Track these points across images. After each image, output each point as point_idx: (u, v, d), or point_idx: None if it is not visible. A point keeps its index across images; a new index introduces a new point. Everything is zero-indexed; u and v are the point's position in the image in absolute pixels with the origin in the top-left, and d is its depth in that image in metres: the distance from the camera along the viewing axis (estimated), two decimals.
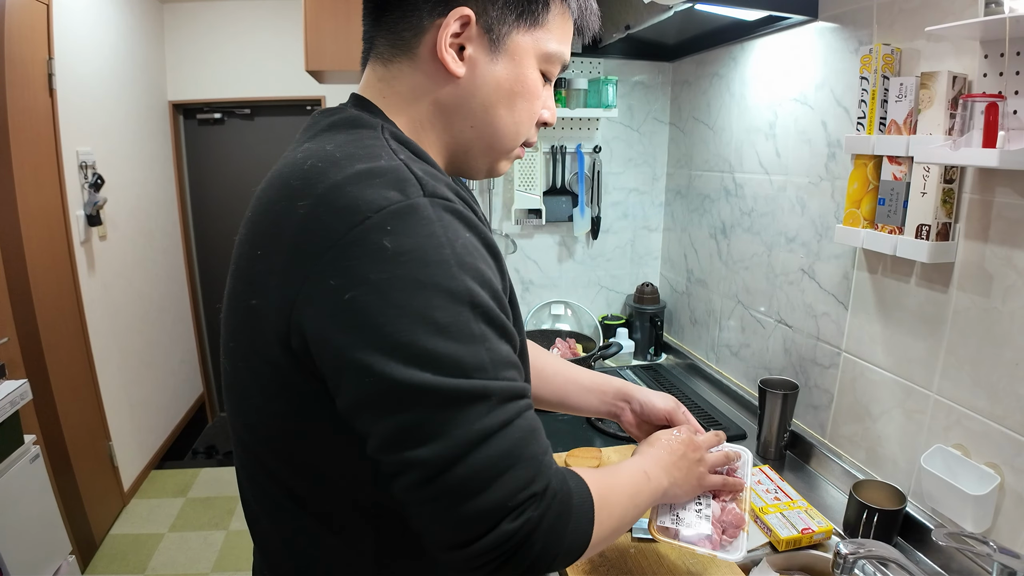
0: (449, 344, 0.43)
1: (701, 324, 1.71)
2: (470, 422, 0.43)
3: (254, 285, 0.49)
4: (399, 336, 0.42)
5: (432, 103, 0.57)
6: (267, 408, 0.52)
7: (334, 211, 0.44)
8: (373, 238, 0.43)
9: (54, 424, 2.00)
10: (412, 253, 0.43)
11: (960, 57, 0.89)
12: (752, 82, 1.41)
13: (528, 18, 0.55)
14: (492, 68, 0.55)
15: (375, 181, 0.45)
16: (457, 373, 0.43)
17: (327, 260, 0.43)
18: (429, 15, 0.53)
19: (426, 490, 0.44)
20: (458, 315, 0.44)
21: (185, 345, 3.28)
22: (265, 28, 3.04)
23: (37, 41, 1.99)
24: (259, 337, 0.49)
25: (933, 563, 0.92)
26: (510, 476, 0.44)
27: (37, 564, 1.64)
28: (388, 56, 0.57)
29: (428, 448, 0.43)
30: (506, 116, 0.58)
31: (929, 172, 0.90)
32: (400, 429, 0.44)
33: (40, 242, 1.99)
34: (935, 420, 0.96)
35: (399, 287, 0.42)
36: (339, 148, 0.49)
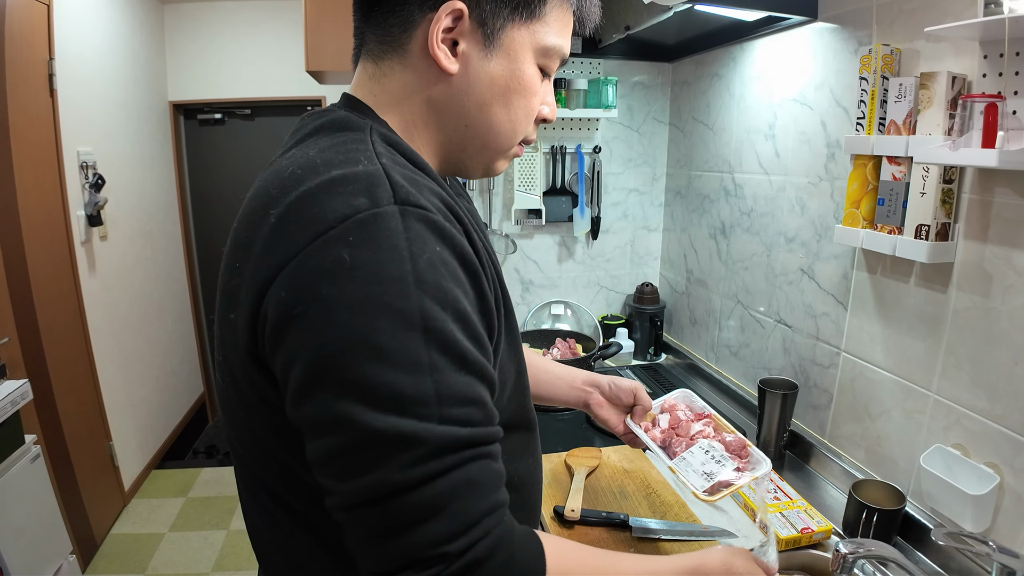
0: (389, 373, 0.40)
1: (701, 324, 1.71)
2: (391, 470, 0.40)
3: (231, 298, 0.47)
4: (337, 360, 0.39)
5: (424, 101, 0.54)
6: (252, 422, 0.50)
7: (300, 221, 0.42)
8: (333, 251, 0.40)
9: (55, 424, 2.00)
10: (367, 267, 0.40)
11: (959, 57, 0.89)
12: (752, 82, 1.42)
13: (524, 11, 0.53)
14: (487, 64, 0.53)
15: (346, 188, 0.43)
16: (392, 409, 0.40)
17: (286, 272, 0.41)
18: (420, 9, 0.51)
19: (341, 516, 0.42)
20: (406, 340, 0.40)
21: (185, 345, 3.29)
22: (265, 29, 3.04)
23: (38, 42, 1.99)
24: (237, 352, 0.47)
25: (932, 563, 0.92)
26: (424, 529, 0.40)
27: (38, 564, 1.65)
28: (378, 53, 0.54)
29: (348, 484, 0.41)
30: (502, 114, 0.55)
31: (928, 172, 0.90)
32: (326, 455, 0.42)
33: (41, 242, 1.99)
34: (934, 420, 0.96)
35: (346, 305, 0.40)
36: (321, 153, 0.47)
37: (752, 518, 1.01)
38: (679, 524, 0.95)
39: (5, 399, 1.51)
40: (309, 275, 0.40)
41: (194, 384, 3.39)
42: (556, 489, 1.05)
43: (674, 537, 0.92)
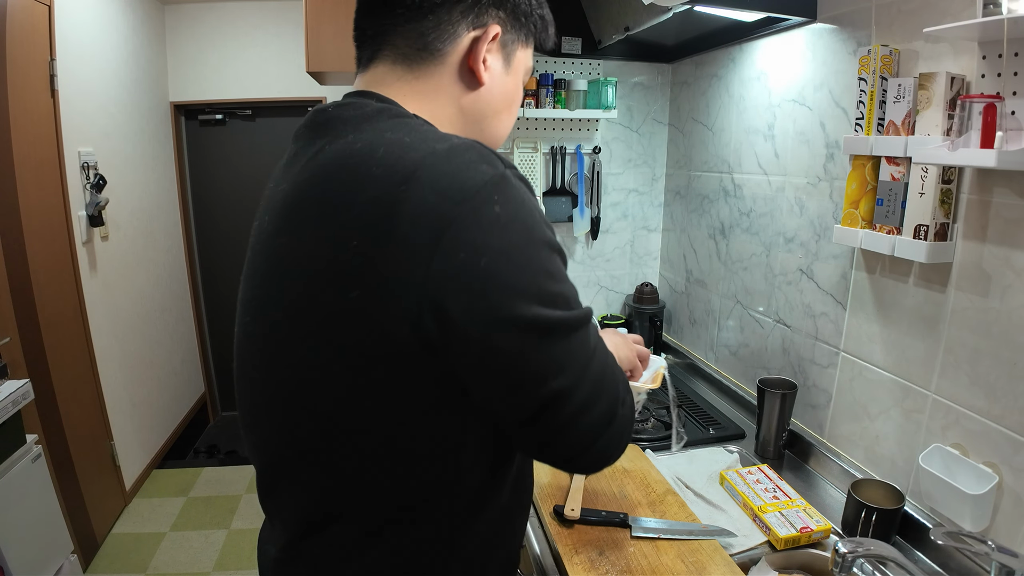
0: (560, 285, 0.52)
1: (700, 324, 1.72)
2: (586, 341, 0.54)
3: (348, 278, 0.48)
4: (532, 287, 0.49)
5: (454, 103, 0.61)
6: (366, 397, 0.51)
7: (441, 191, 0.47)
8: (485, 211, 0.47)
9: (56, 424, 2.01)
10: (518, 217, 0.49)
11: (958, 58, 0.89)
12: (751, 83, 1.42)
13: (527, 37, 0.64)
14: (505, 79, 0.63)
15: (466, 157, 0.49)
16: (568, 307, 0.52)
17: (450, 236, 0.46)
18: (465, 27, 0.59)
19: (566, 410, 0.52)
20: (556, 262, 0.52)
21: (187, 345, 3.29)
22: (266, 30, 3.04)
23: (39, 42, 2.00)
24: (365, 329, 0.49)
25: (931, 562, 0.92)
26: (616, 374, 0.57)
27: (39, 563, 1.65)
28: (413, 57, 0.59)
29: (567, 374, 0.52)
30: (507, 120, 0.66)
31: (927, 173, 0.90)
32: (546, 363, 0.51)
33: (42, 242, 1.99)
34: (933, 419, 0.97)
35: (519, 248, 0.49)
36: (399, 135, 0.51)
37: (752, 518, 1.01)
38: (678, 523, 0.95)
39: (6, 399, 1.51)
40: (477, 233, 0.47)
41: (195, 384, 3.39)
42: (556, 489, 1.06)
43: (674, 536, 0.92)
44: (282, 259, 0.53)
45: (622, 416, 0.57)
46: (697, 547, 0.90)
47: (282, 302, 0.54)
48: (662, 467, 1.15)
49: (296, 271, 0.52)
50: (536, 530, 0.99)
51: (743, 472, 1.11)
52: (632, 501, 1.02)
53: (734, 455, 1.23)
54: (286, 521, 0.61)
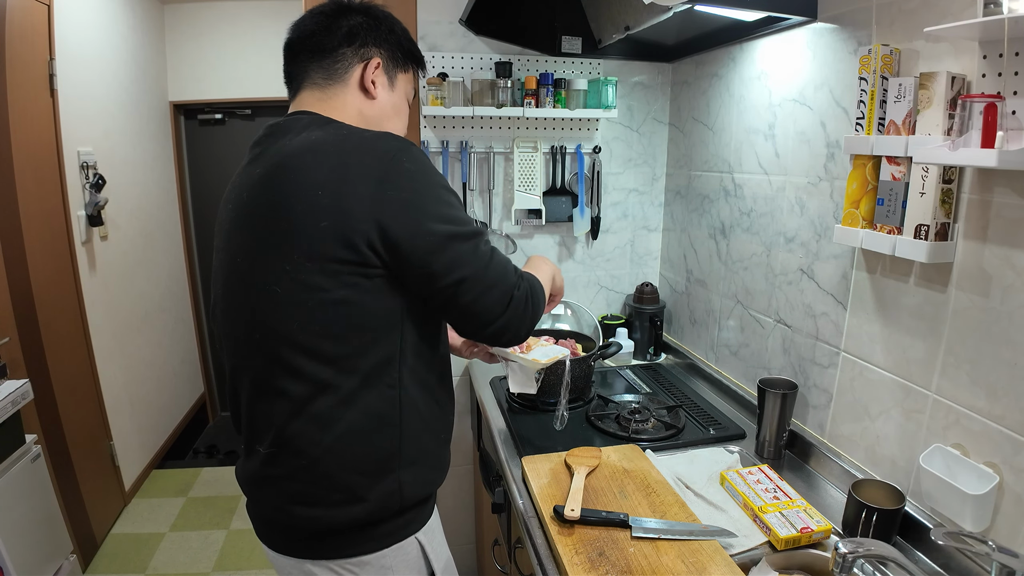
0: (458, 213, 0.82)
1: (700, 324, 1.72)
2: (480, 247, 0.83)
3: (320, 214, 0.74)
4: (439, 210, 0.79)
5: (358, 112, 0.90)
6: (322, 301, 0.76)
7: (375, 155, 0.77)
8: (405, 166, 0.77)
9: (55, 424, 2.01)
10: (424, 169, 0.79)
11: (959, 57, 0.89)
12: (751, 83, 1.42)
13: (403, 66, 0.95)
14: (390, 95, 0.93)
15: (384, 137, 0.79)
16: (465, 225, 0.81)
17: (385, 182, 0.76)
18: (356, 61, 0.89)
19: (474, 288, 0.81)
20: (454, 199, 0.83)
21: (186, 345, 3.29)
22: (266, 29, 3.04)
23: (38, 42, 2.00)
24: (326, 246, 0.74)
25: (932, 562, 0.92)
26: (508, 268, 0.87)
27: (38, 563, 1.65)
28: (324, 84, 0.88)
29: (470, 267, 0.81)
30: (398, 124, 0.96)
31: (928, 172, 0.90)
32: (453, 260, 0.79)
33: (41, 242, 1.99)
34: (934, 420, 0.96)
35: (427, 187, 0.79)
36: (336, 131, 0.81)
37: (752, 518, 1.01)
38: (678, 524, 0.95)
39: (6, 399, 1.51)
40: (400, 179, 0.76)
41: (195, 384, 3.39)
42: (556, 489, 1.05)
43: (673, 536, 0.92)
44: (267, 212, 0.78)
45: (517, 299, 0.85)
46: (697, 547, 0.90)
47: (247, 242, 0.81)
48: (662, 467, 1.15)
49: (281, 217, 0.76)
50: (536, 530, 0.99)
51: (743, 472, 1.11)
52: (632, 501, 1.02)
53: (734, 455, 1.23)
54: (272, 416, 0.82)
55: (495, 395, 1.56)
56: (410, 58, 0.95)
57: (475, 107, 1.64)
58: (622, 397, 1.51)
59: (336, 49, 0.87)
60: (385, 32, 0.90)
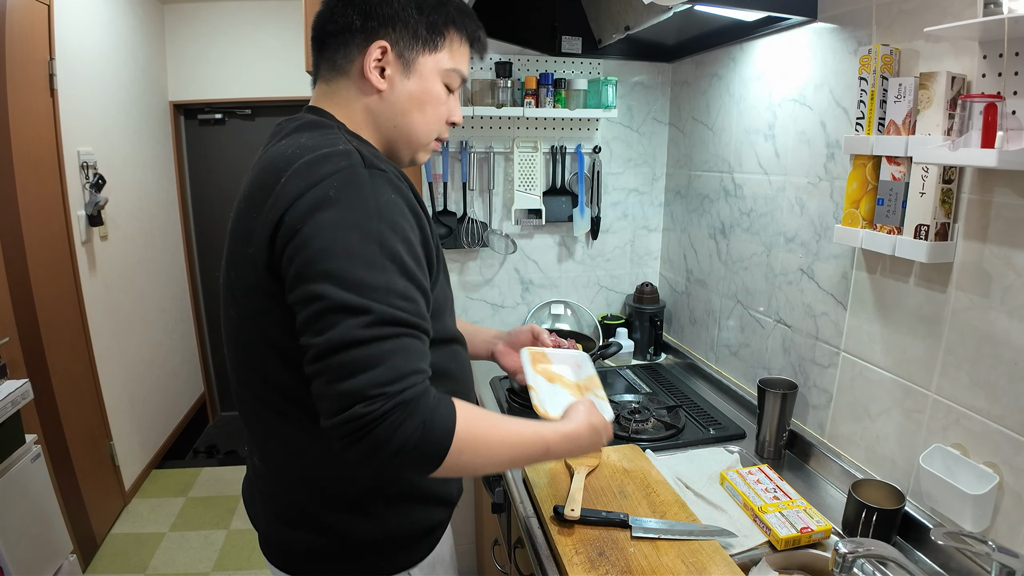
0: (356, 268, 0.60)
1: (700, 324, 1.72)
2: (351, 328, 0.59)
3: (247, 238, 0.67)
4: (321, 256, 0.61)
5: (364, 109, 0.77)
6: (258, 323, 0.69)
7: (302, 177, 0.64)
8: (321, 192, 0.62)
9: (55, 423, 2.01)
10: (345, 202, 0.62)
11: (959, 57, 0.89)
12: (751, 83, 1.42)
13: (429, 45, 0.76)
14: (406, 83, 0.76)
15: (331, 158, 0.65)
16: (355, 290, 0.60)
17: (295, 205, 0.63)
18: (357, 46, 0.75)
19: (312, 366, 0.61)
20: (368, 250, 0.61)
21: (186, 345, 3.29)
22: (266, 29, 3.04)
23: (38, 41, 2.00)
24: (256, 274, 0.66)
25: (932, 562, 0.92)
26: (370, 374, 0.59)
27: (38, 563, 1.65)
28: (330, 77, 0.78)
29: (321, 338, 0.60)
30: (419, 119, 0.79)
31: (928, 172, 0.90)
32: (309, 319, 0.61)
33: (41, 242, 1.99)
34: (934, 419, 0.96)
35: (332, 223, 0.61)
36: (310, 139, 0.69)
37: (752, 518, 1.01)
38: (678, 524, 0.95)
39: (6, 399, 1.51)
40: (310, 205, 0.62)
41: (194, 384, 3.39)
42: (556, 489, 1.05)
43: (673, 536, 0.92)
44: (233, 225, 0.73)
45: (363, 418, 0.58)
46: (697, 547, 0.90)
47: (225, 261, 0.75)
48: (662, 467, 1.15)
49: (233, 234, 0.72)
50: (536, 530, 0.99)
51: (743, 472, 1.11)
52: (632, 501, 1.02)
53: (734, 455, 1.23)
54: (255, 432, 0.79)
55: (495, 395, 1.56)
56: (438, 31, 0.76)
57: (475, 107, 1.64)
58: (622, 397, 1.51)
59: (339, 35, 0.75)
60: (399, 6, 0.74)
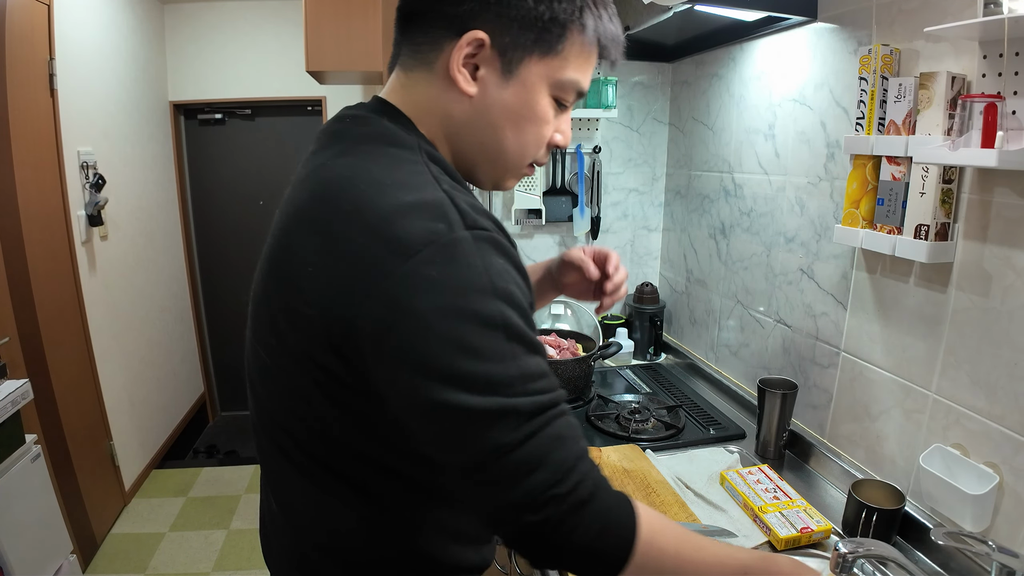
0: (482, 365, 0.49)
1: (700, 324, 1.72)
2: (499, 435, 0.49)
3: (307, 295, 0.52)
4: (440, 360, 0.48)
5: (445, 116, 0.59)
6: (318, 401, 0.55)
7: (388, 243, 0.48)
8: (422, 271, 0.47)
9: (55, 423, 2.01)
10: (453, 283, 0.48)
11: (959, 57, 0.89)
12: (751, 83, 1.42)
13: (543, 46, 0.57)
14: (502, 91, 0.58)
15: (424, 215, 0.50)
16: (488, 391, 0.48)
17: (381, 289, 0.48)
18: (446, 34, 0.56)
19: (464, 484, 0.52)
20: (492, 339, 0.49)
21: (186, 345, 3.29)
22: (266, 29, 3.04)
23: (38, 41, 2.00)
24: (313, 343, 0.52)
25: (932, 562, 0.92)
26: (533, 479, 0.49)
27: (38, 563, 1.65)
28: (410, 66, 0.60)
29: (461, 454, 0.50)
30: (512, 138, 0.60)
31: (928, 172, 0.90)
32: (440, 437, 0.50)
33: (41, 242, 1.99)
34: (934, 420, 0.96)
35: (442, 315, 0.48)
36: (385, 172, 0.53)
37: (752, 518, 1.01)
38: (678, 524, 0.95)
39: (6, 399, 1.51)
40: (406, 292, 0.48)
41: (194, 384, 3.39)
42: None
43: None
44: (276, 258, 0.57)
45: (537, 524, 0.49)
46: None
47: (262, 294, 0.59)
48: (662, 467, 1.15)
49: (275, 271, 0.57)
50: None
51: (743, 472, 1.11)
52: None
53: (734, 455, 1.23)
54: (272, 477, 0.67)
55: None
56: (559, 27, 0.56)
57: None
58: (622, 397, 1.51)
59: (425, 14, 0.58)
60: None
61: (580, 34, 0.58)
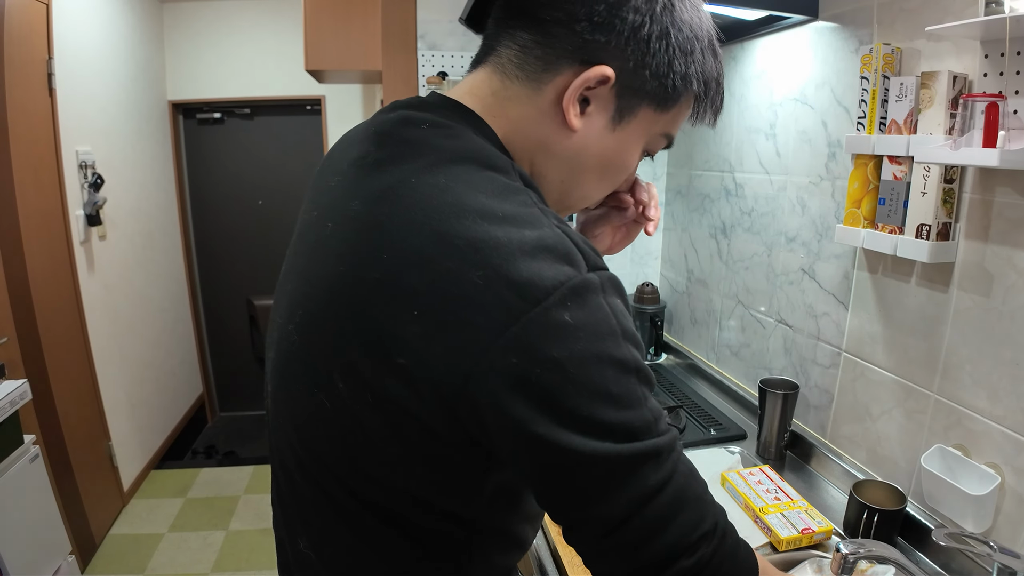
0: (622, 413, 0.46)
1: (701, 324, 1.71)
2: (643, 480, 0.46)
3: (403, 344, 0.45)
4: (581, 411, 0.44)
5: (539, 143, 0.54)
6: (397, 452, 0.50)
7: (515, 287, 0.43)
8: (554, 315, 0.43)
9: (54, 424, 2.00)
10: (587, 328, 0.44)
11: (960, 57, 0.89)
12: (752, 82, 1.41)
13: (659, 100, 0.53)
14: (606, 136, 0.54)
15: (549, 256, 0.45)
16: (630, 438, 0.46)
17: (510, 336, 0.43)
18: (569, 59, 0.50)
19: (605, 542, 0.47)
20: (628, 384, 0.46)
21: (185, 345, 3.28)
22: (265, 27, 3.04)
23: (37, 41, 1.99)
24: (410, 396, 0.46)
25: (933, 563, 0.92)
26: (681, 520, 0.47)
27: (37, 564, 1.64)
28: (511, 73, 0.53)
29: (607, 506, 0.46)
30: (592, 183, 0.57)
31: (929, 172, 0.90)
32: (582, 491, 0.46)
33: (40, 242, 1.98)
34: (935, 420, 0.96)
35: (579, 363, 0.44)
36: (495, 201, 0.47)
37: (753, 519, 1.01)
38: None
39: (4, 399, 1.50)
40: (539, 339, 0.43)
41: (193, 384, 3.39)
42: None
43: None
44: (348, 301, 0.49)
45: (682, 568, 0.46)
46: None
47: (319, 330, 0.51)
48: None
49: (348, 308, 0.48)
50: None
51: (744, 473, 1.11)
52: None
53: (735, 456, 1.22)
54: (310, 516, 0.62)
55: None
56: (681, 83, 0.53)
57: None
58: None
59: (553, 27, 0.50)
60: (653, 30, 0.50)
61: (693, 91, 0.54)
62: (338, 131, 3.15)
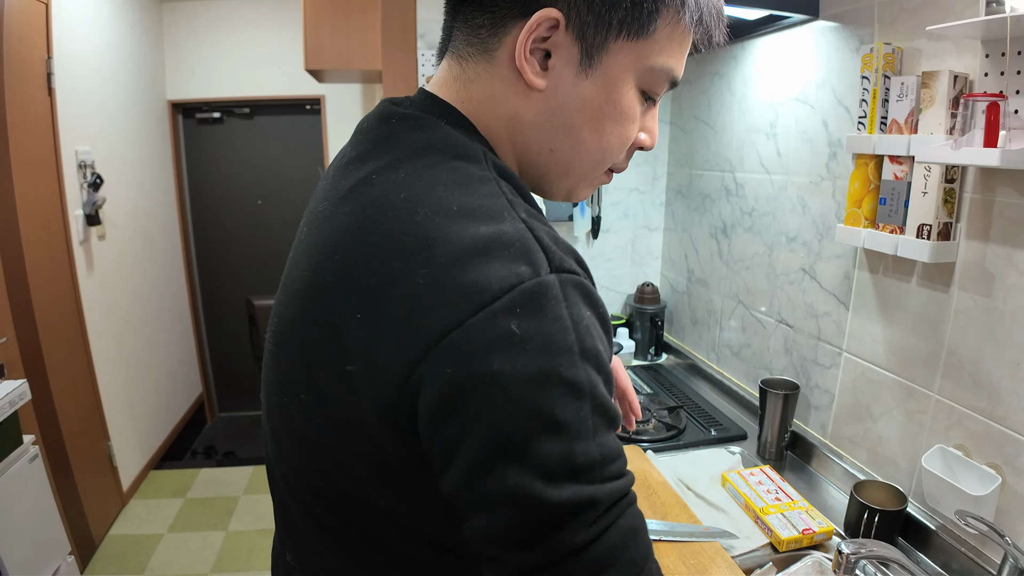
0: (564, 444, 0.39)
1: (702, 324, 1.71)
2: (572, 533, 0.40)
3: (349, 350, 0.42)
4: (516, 436, 0.39)
5: (509, 117, 0.49)
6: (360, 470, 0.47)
7: (459, 287, 0.39)
8: (500, 323, 0.38)
9: (53, 424, 2.00)
10: (537, 340, 0.39)
11: (961, 56, 0.89)
12: (753, 81, 1.41)
13: (631, 27, 0.46)
14: (580, 84, 0.47)
15: (505, 254, 0.40)
16: (567, 478, 0.40)
17: (448, 343, 0.38)
18: (511, 13, 0.46)
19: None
20: (577, 411, 0.40)
21: (184, 345, 3.28)
22: (264, 27, 3.03)
23: (36, 40, 1.99)
24: (356, 407, 0.43)
25: (934, 563, 0.91)
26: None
27: (36, 564, 1.64)
28: (464, 54, 0.49)
29: (525, 552, 0.40)
30: (591, 141, 0.50)
31: (930, 172, 0.89)
32: (503, 528, 0.40)
33: (39, 242, 1.98)
34: (936, 420, 0.96)
35: (521, 380, 0.38)
36: (453, 194, 0.43)
37: (754, 519, 1.01)
38: (679, 525, 0.95)
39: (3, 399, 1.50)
40: (478, 348, 0.38)
41: (193, 384, 3.38)
42: None
43: (675, 538, 0.92)
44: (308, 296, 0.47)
45: None
46: (699, 549, 0.90)
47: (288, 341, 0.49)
48: (663, 468, 1.14)
49: (308, 314, 0.46)
50: None
51: (745, 473, 1.11)
52: None
53: (736, 456, 1.22)
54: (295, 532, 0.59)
55: None
56: (649, 8, 0.46)
57: None
58: None
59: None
60: None
61: (676, 10, 0.47)
62: (338, 131, 3.15)
